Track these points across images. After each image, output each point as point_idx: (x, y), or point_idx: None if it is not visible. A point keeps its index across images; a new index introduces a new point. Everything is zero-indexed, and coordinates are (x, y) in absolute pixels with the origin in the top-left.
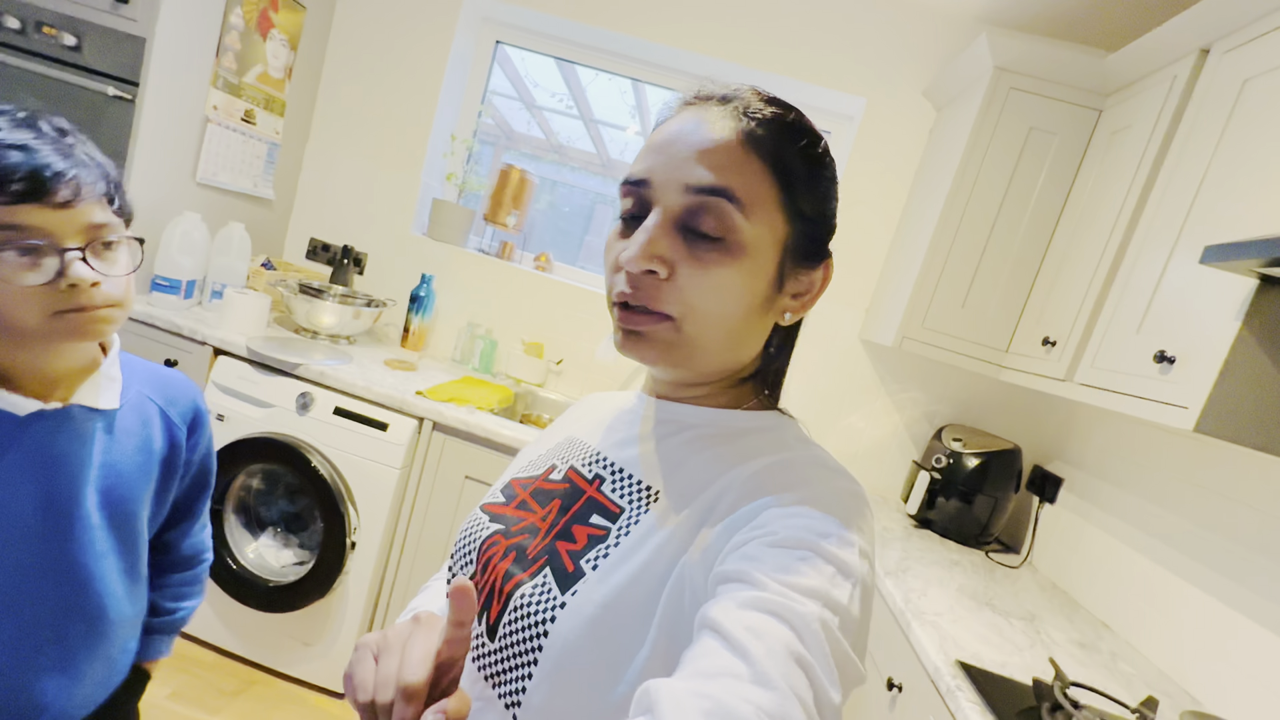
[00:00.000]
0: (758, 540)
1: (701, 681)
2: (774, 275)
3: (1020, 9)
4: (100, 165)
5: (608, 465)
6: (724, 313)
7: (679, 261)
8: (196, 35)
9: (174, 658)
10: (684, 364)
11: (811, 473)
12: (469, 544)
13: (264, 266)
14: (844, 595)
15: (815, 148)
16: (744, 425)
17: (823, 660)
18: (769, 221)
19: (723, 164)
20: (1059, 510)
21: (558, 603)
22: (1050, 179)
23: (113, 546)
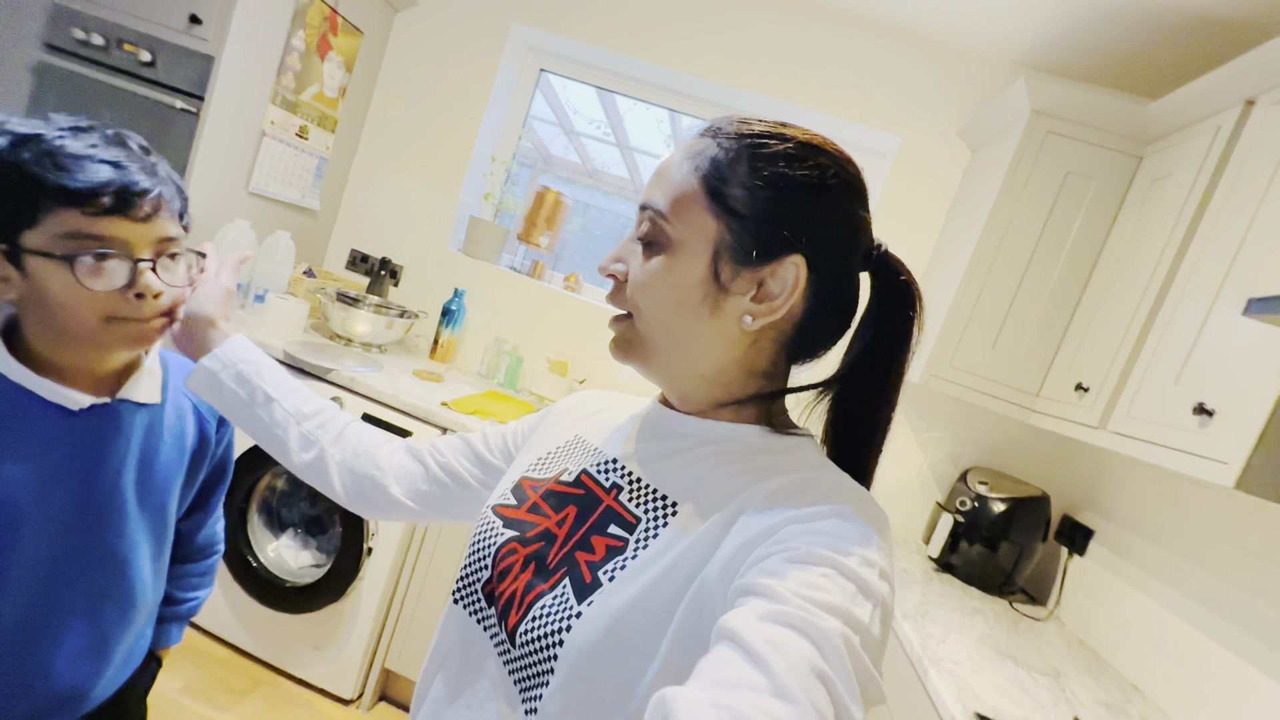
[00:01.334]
0: (778, 555)
1: (719, 692)
2: (707, 272)
3: (1059, 55)
4: (176, 183)
5: (625, 475)
6: (659, 306)
7: (632, 267)
8: (260, 55)
9: (188, 651)
10: (644, 360)
11: (832, 492)
12: (484, 550)
13: (305, 274)
14: (865, 614)
15: (765, 147)
16: (766, 444)
17: (844, 676)
18: (693, 222)
19: (665, 180)
20: (1089, 563)
21: (574, 613)
22: (1087, 223)
23: (145, 534)
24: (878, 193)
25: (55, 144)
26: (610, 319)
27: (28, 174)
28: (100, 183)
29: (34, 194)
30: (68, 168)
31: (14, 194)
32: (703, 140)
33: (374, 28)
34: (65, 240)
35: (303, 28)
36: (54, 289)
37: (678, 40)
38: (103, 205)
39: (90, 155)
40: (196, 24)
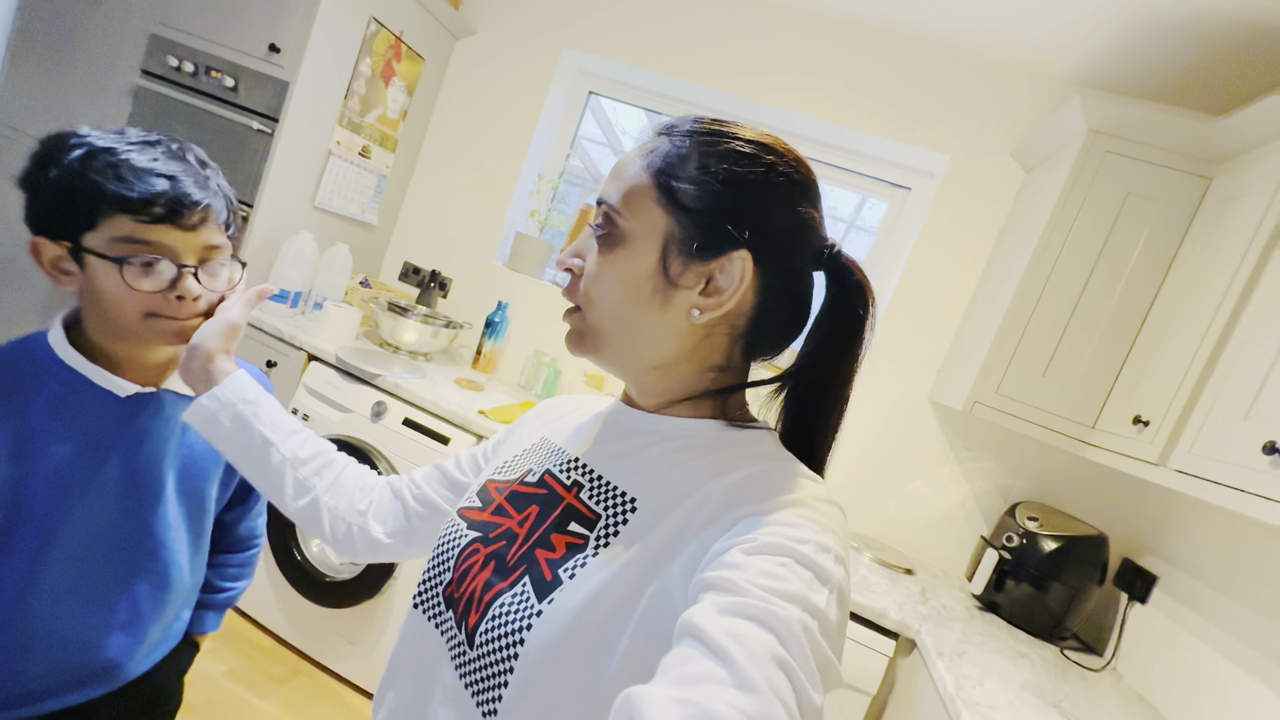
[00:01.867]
0: (737, 548)
1: (684, 688)
2: (656, 265)
3: (1116, 72)
4: (226, 195)
5: (587, 472)
6: (608, 297)
7: (587, 261)
8: (330, 81)
9: (233, 638)
10: (595, 352)
11: (787, 482)
12: (447, 552)
13: (361, 284)
14: (822, 600)
15: (715, 145)
16: (724, 438)
17: (804, 663)
18: (644, 215)
19: (618, 175)
20: (1151, 612)
21: (534, 611)
22: (1149, 247)
23: (183, 520)
24: (924, 213)
25: (122, 157)
26: (563, 312)
27: (93, 183)
28: (154, 194)
29: (96, 200)
30: (128, 179)
31: (80, 200)
32: (658, 138)
33: (435, 54)
34: (119, 243)
35: (370, 55)
36: (105, 286)
37: (723, 63)
38: (155, 214)
39: (150, 169)
40: (275, 52)
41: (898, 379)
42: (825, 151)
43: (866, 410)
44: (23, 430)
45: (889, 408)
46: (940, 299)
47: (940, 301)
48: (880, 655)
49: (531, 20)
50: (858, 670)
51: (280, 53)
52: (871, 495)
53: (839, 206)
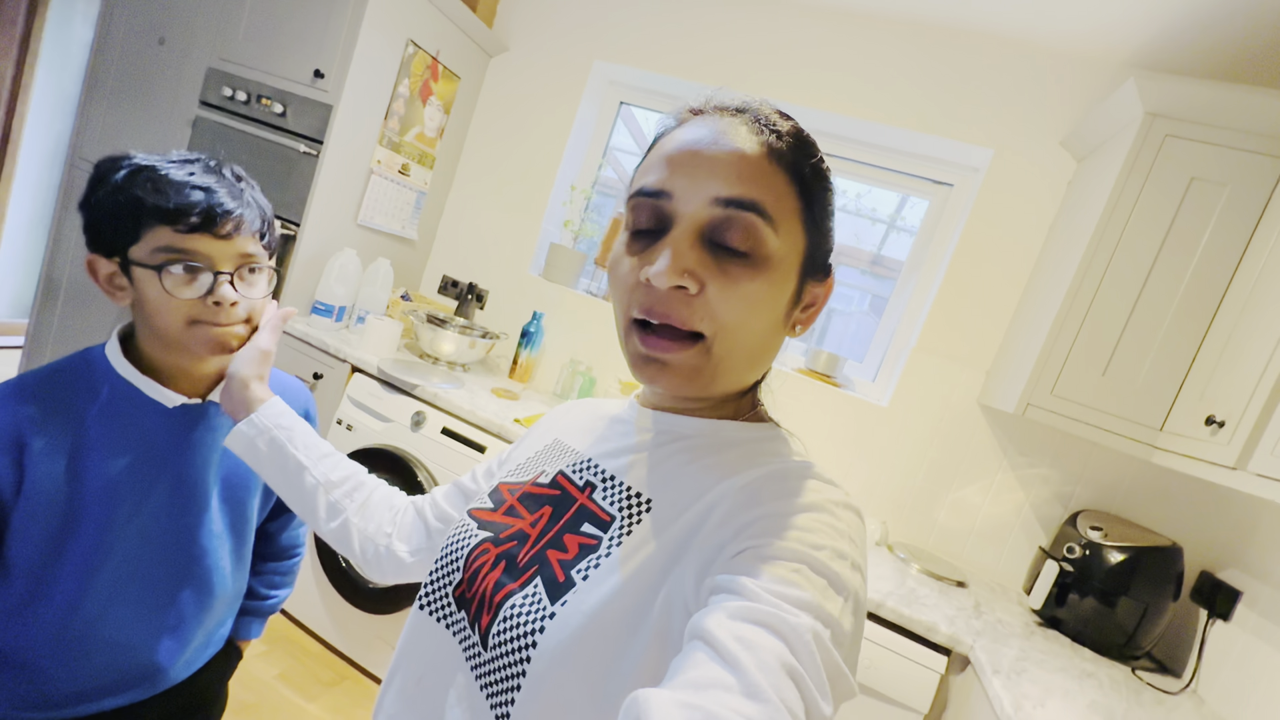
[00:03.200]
0: (750, 551)
1: (691, 692)
2: (795, 289)
3: (1173, 53)
4: (260, 207)
5: (599, 473)
6: (752, 328)
7: (708, 276)
8: (371, 102)
9: (284, 642)
10: (708, 388)
11: (803, 484)
12: (456, 552)
13: (402, 298)
14: (836, 608)
15: (823, 162)
16: (738, 437)
17: (814, 672)
18: (792, 235)
19: (750, 175)
20: (1235, 630)
21: (547, 613)
22: (1219, 234)
23: (226, 528)
24: (967, 210)
25: (161, 173)
26: (645, 338)
27: (135, 197)
28: (190, 204)
29: (138, 214)
30: (166, 191)
31: (125, 214)
32: (761, 130)
33: (470, 73)
34: (159, 253)
35: (408, 76)
36: (149, 295)
37: (754, 64)
38: (191, 223)
39: (187, 182)
40: (319, 78)
41: (943, 382)
42: (862, 150)
43: (911, 416)
44: (80, 436)
45: (935, 412)
46: (986, 298)
47: (986, 301)
48: (931, 672)
49: (562, 35)
50: (908, 688)
51: (324, 78)
52: (919, 504)
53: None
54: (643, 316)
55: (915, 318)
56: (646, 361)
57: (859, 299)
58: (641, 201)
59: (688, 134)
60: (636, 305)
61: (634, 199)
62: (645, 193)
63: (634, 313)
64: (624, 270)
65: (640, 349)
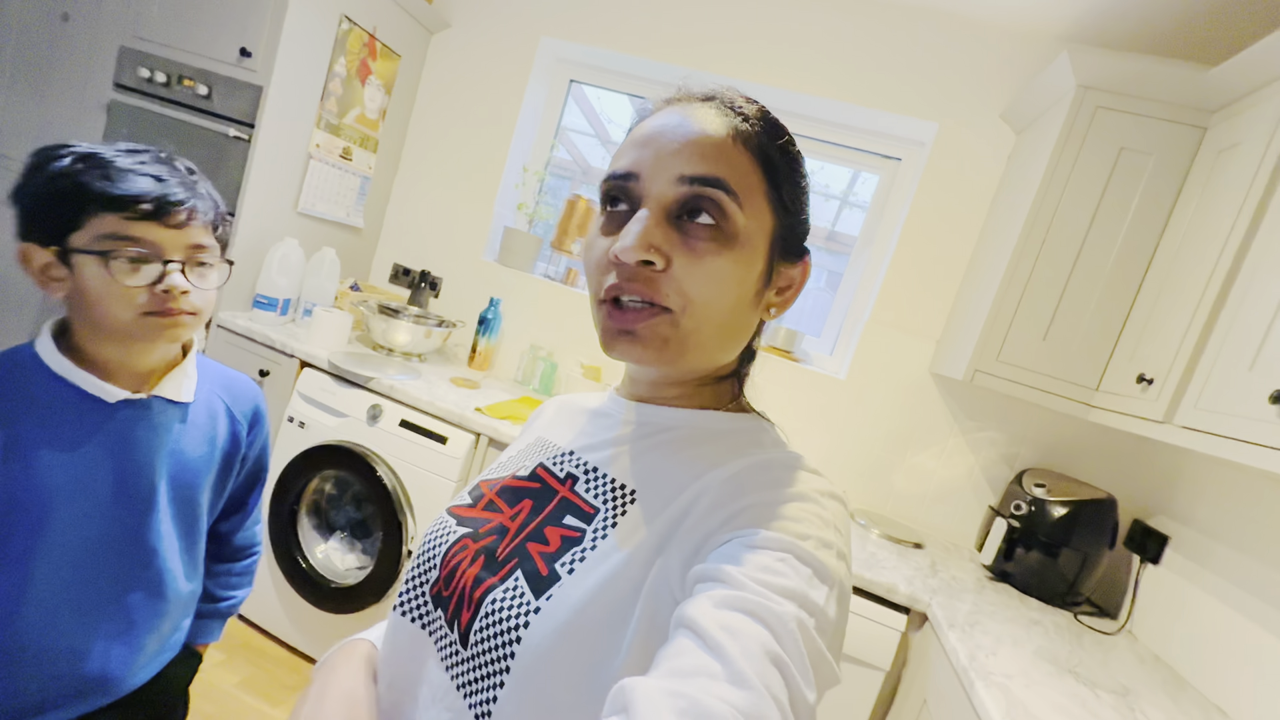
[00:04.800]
0: (736, 541)
1: (677, 680)
2: (764, 268)
3: (1103, 26)
4: (213, 200)
5: (580, 464)
6: (720, 303)
7: (675, 252)
8: (305, 83)
9: (243, 649)
10: (677, 360)
11: (789, 474)
12: (433, 549)
13: (351, 288)
14: (820, 597)
15: (792, 145)
16: (721, 427)
17: (799, 660)
18: (758, 213)
19: (714, 155)
20: (1164, 572)
21: (532, 608)
22: (1145, 202)
23: (175, 528)
24: (915, 183)
25: (108, 159)
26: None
27: (79, 183)
28: (140, 192)
29: (82, 199)
30: (113, 178)
31: (66, 201)
32: (729, 115)
33: (411, 50)
34: (104, 240)
35: (344, 54)
36: (93, 285)
37: (705, 41)
38: (141, 211)
39: (136, 170)
40: (246, 56)
41: (897, 353)
42: (814, 126)
43: (868, 387)
44: (11, 438)
45: (890, 383)
46: (936, 269)
47: (936, 272)
48: (892, 630)
49: (507, 10)
50: (870, 646)
51: (251, 57)
52: (877, 471)
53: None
54: (613, 294)
55: (869, 292)
56: (617, 335)
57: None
58: (613, 185)
59: (657, 120)
60: (608, 283)
61: (606, 183)
62: (615, 176)
63: (605, 291)
64: (597, 252)
65: (609, 324)
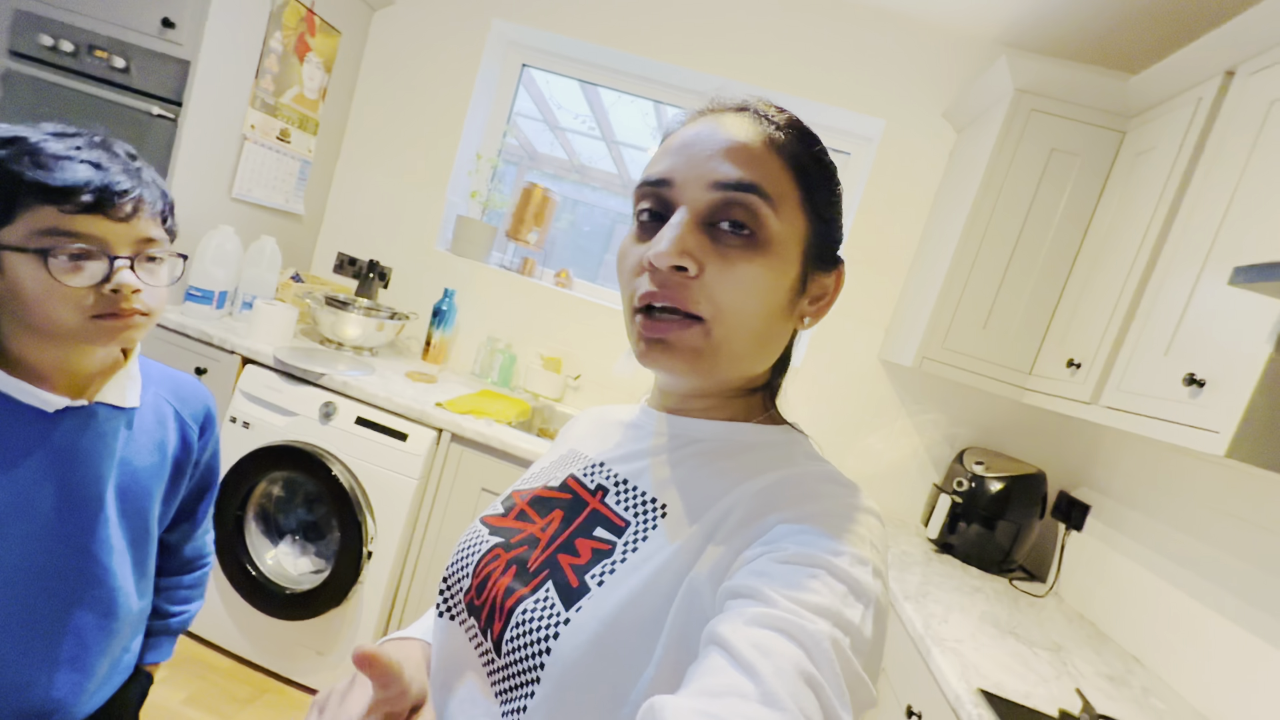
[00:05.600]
0: (768, 556)
1: (707, 700)
2: (798, 276)
3: (1039, 32)
4: (160, 188)
5: (611, 476)
6: (753, 312)
7: (707, 259)
8: (237, 58)
9: (190, 663)
10: (710, 372)
11: (823, 488)
12: (466, 558)
13: (293, 279)
14: (856, 615)
15: (825, 154)
16: (753, 440)
17: (833, 680)
18: (793, 220)
19: (747, 161)
20: (1086, 538)
21: (561, 619)
22: (1073, 200)
23: (126, 542)
24: (865, 177)
25: (37, 144)
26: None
27: (9, 172)
28: (80, 182)
29: (11, 191)
30: (47, 166)
31: None
32: (761, 123)
33: (352, 27)
34: (42, 236)
35: (279, 29)
36: (29, 285)
37: (658, 30)
38: (82, 203)
39: (72, 156)
40: (170, 28)
41: (849, 341)
42: None
43: (821, 374)
44: None
45: (842, 370)
46: (884, 261)
47: (884, 264)
48: None
49: None
50: None
51: (176, 28)
52: (830, 454)
53: None
54: (646, 301)
55: None
56: (650, 345)
57: None
58: (646, 191)
59: (691, 129)
60: (641, 290)
61: (639, 189)
62: (649, 182)
63: (638, 298)
64: (630, 260)
65: (643, 333)
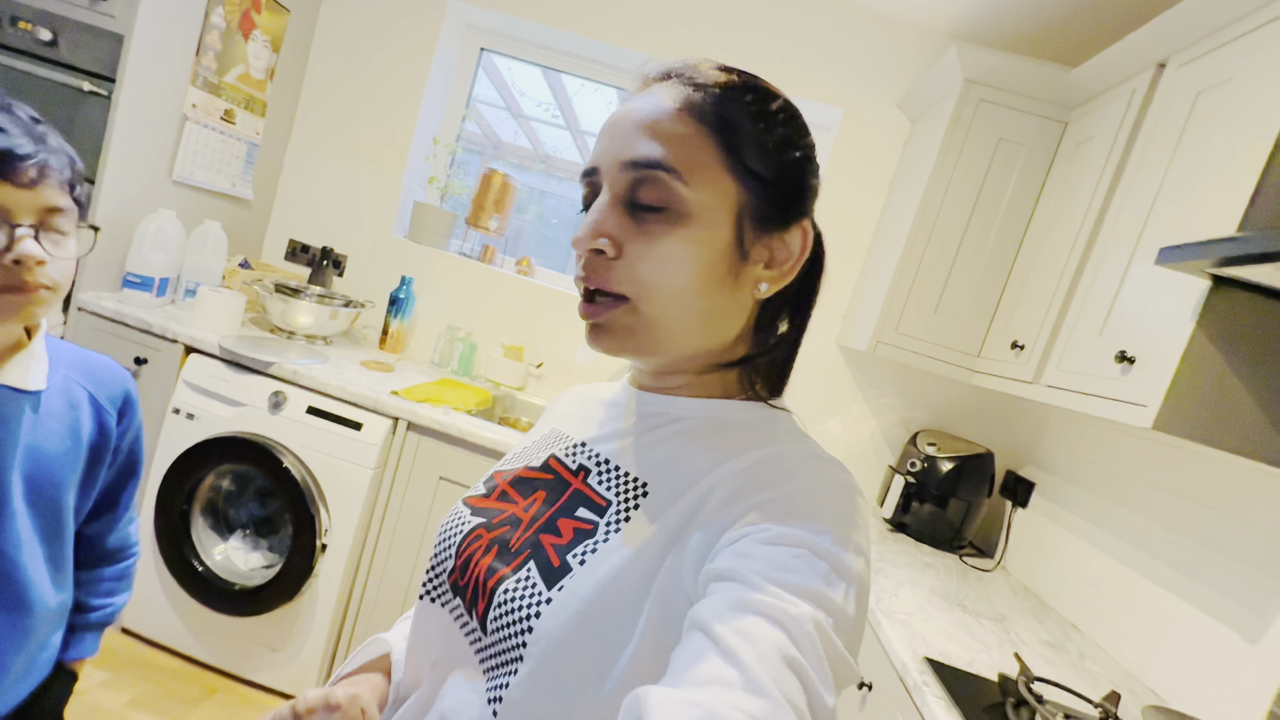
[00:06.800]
0: (750, 537)
1: (692, 689)
2: (731, 242)
3: (988, 25)
4: (67, 154)
5: (593, 456)
6: (677, 286)
7: (627, 240)
8: (176, 33)
9: (136, 664)
10: (651, 349)
11: (805, 466)
12: (449, 539)
13: (241, 266)
14: (839, 594)
15: (766, 104)
16: (734, 418)
17: (817, 663)
18: (713, 185)
19: (660, 134)
20: (1031, 514)
21: (543, 598)
22: (1018, 188)
23: (37, 534)
24: (823, 165)
25: None
26: (584, 305)
27: None
28: None
29: None
30: None
31: None
32: (682, 88)
33: (301, 5)
34: None
35: (222, 4)
36: None
37: (621, 16)
38: None
39: None
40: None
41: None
42: None
43: None
44: None
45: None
46: (841, 248)
47: (842, 252)
48: None
49: None
50: None
51: (108, 0)
52: None
53: None
54: (579, 285)
55: None
56: (589, 329)
57: None
58: (585, 180)
59: (618, 109)
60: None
61: (580, 180)
62: (584, 173)
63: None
64: None
65: (583, 317)
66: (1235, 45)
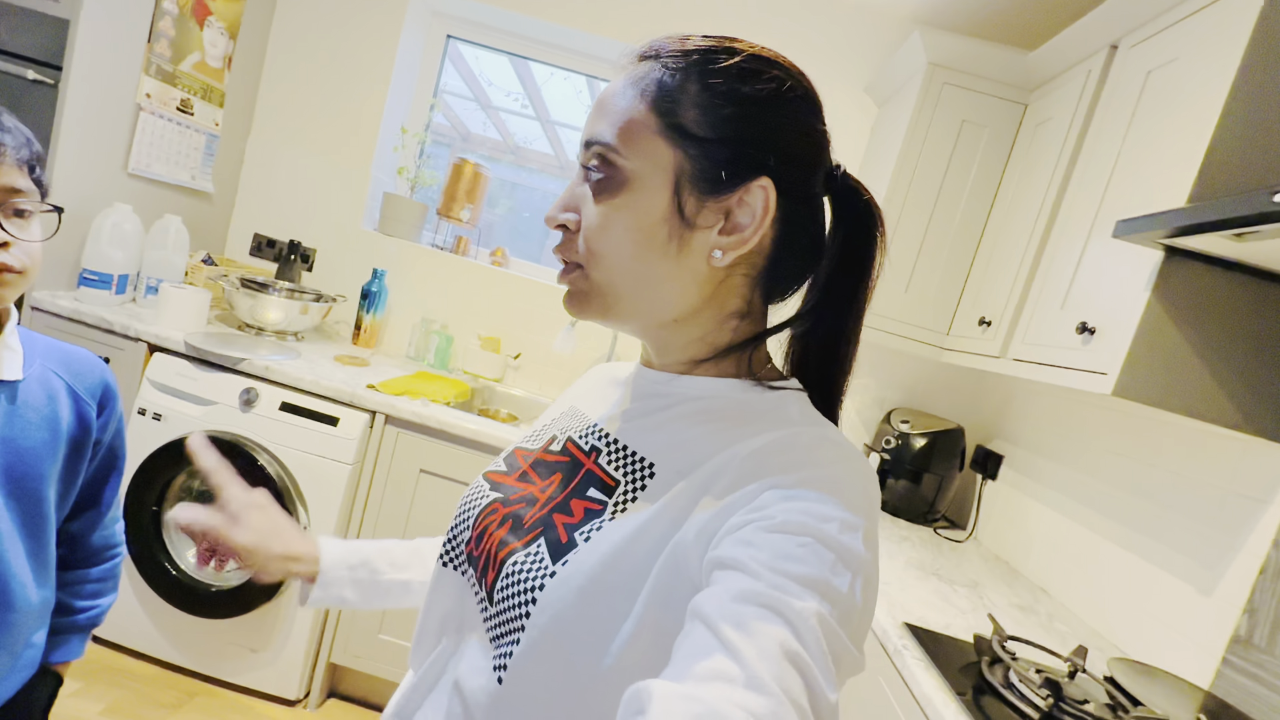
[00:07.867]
0: (755, 524)
1: (693, 684)
2: (669, 207)
3: (950, 9)
4: (24, 135)
5: (604, 437)
6: (618, 251)
7: (582, 212)
8: (126, 19)
9: (108, 671)
10: (604, 313)
11: (815, 451)
12: (468, 511)
13: (204, 262)
14: (845, 583)
15: (714, 62)
16: (744, 398)
17: (820, 658)
18: (649, 152)
19: (606, 109)
20: (1000, 486)
21: (548, 572)
22: (982, 168)
23: (16, 528)
24: None
25: None
26: (559, 274)
27: None
28: None
29: None
30: None
31: None
32: (644, 64)
33: None
34: None
35: None
36: None
37: (587, 2)
38: None
39: None
40: None
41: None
42: None
43: None
44: None
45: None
46: None
47: None
48: None
49: None
50: None
51: None
52: None
53: None
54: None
55: None
56: (564, 296)
57: None
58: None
59: None
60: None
61: None
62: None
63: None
64: None
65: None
66: (1181, 26)
